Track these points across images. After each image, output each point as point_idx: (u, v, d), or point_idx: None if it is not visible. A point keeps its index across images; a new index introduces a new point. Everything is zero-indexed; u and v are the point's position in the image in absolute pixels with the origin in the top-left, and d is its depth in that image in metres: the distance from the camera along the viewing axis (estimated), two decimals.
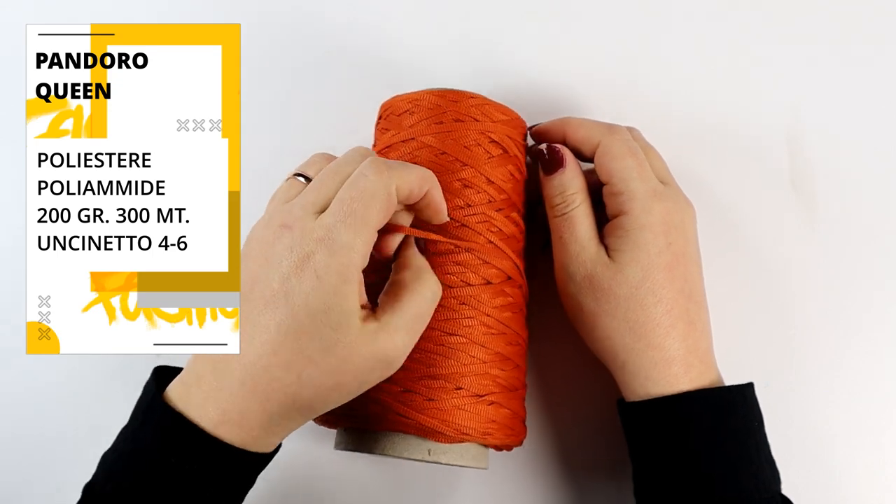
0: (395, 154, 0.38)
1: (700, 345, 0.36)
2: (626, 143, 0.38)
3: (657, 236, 0.36)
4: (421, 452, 0.35)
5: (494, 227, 0.37)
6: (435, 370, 0.35)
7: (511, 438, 0.37)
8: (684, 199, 0.39)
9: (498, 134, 0.38)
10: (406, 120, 0.38)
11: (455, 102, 0.38)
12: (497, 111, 0.38)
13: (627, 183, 0.37)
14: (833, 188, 0.46)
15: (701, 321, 0.37)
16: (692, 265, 0.37)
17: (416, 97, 0.38)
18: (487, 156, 0.37)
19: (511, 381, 0.37)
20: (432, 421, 0.34)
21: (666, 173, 0.40)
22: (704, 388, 0.35)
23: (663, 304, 0.36)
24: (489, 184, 0.37)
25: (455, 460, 0.35)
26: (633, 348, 0.36)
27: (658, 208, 0.36)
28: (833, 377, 0.44)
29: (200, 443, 0.30)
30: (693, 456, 0.34)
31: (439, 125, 0.37)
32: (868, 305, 0.45)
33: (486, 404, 0.35)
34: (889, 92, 0.47)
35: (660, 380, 0.35)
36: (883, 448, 0.43)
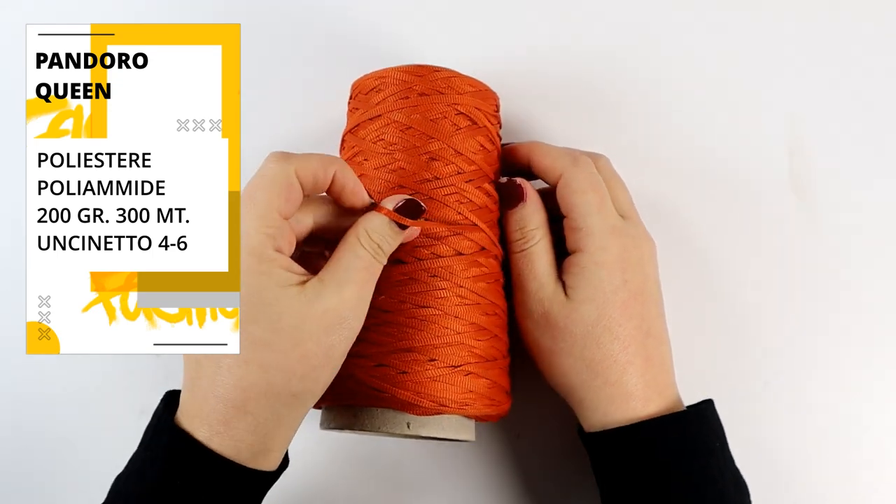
0: (363, 132, 0.38)
1: (659, 379, 0.36)
2: (590, 176, 0.38)
3: (613, 274, 0.36)
4: (400, 426, 0.35)
5: (465, 199, 0.37)
6: (407, 343, 0.35)
7: (492, 408, 0.36)
8: (644, 233, 0.38)
9: (465, 106, 0.38)
10: (373, 97, 0.38)
11: (420, 77, 0.37)
12: (464, 83, 0.38)
13: (586, 218, 0.37)
14: (833, 190, 0.46)
15: (660, 356, 0.37)
16: (650, 301, 0.37)
17: (382, 74, 0.38)
18: (455, 128, 0.37)
19: (489, 350, 0.37)
20: (407, 393, 0.34)
21: (629, 206, 0.39)
22: (661, 415, 0.35)
23: (620, 342, 0.36)
24: (457, 155, 0.37)
25: (436, 433, 0.35)
26: (591, 385, 0.36)
27: (615, 245, 0.36)
28: (834, 378, 0.44)
29: (197, 457, 0.30)
30: (655, 483, 0.34)
31: (405, 100, 0.37)
32: (868, 305, 0.45)
33: (462, 374, 0.35)
34: (889, 93, 0.47)
35: (617, 414, 0.35)
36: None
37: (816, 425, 0.43)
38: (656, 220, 0.42)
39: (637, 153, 0.46)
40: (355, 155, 0.38)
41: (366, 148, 0.38)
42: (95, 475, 0.34)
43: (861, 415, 0.43)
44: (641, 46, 0.47)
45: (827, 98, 0.47)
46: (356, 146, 0.38)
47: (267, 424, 0.31)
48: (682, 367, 0.39)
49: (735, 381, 0.44)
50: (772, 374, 0.44)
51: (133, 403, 0.43)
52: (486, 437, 0.44)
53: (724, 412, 0.37)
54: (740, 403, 0.43)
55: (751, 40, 0.47)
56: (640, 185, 0.43)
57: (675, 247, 0.45)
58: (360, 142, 0.38)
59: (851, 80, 0.47)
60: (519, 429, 0.44)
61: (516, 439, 0.44)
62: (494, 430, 0.44)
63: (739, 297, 0.45)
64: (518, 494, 0.43)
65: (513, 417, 0.43)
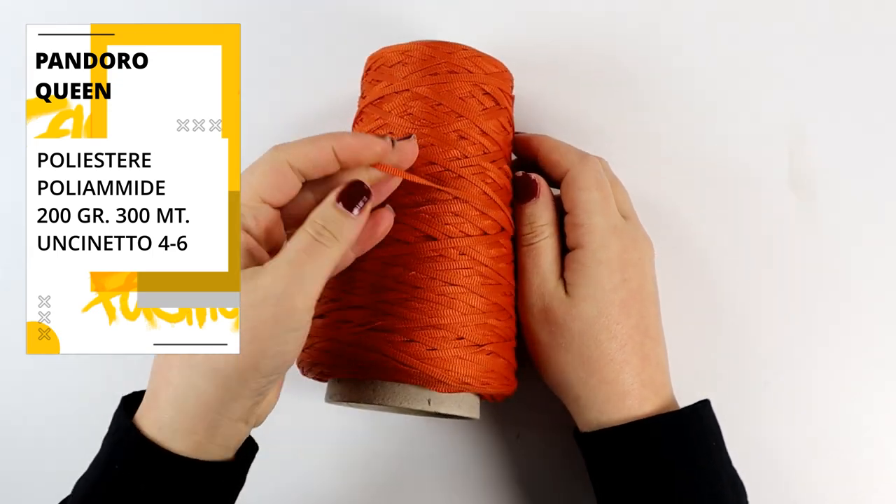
0: (389, 105, 0.38)
1: (655, 379, 0.36)
2: (595, 174, 0.38)
3: (613, 272, 0.36)
4: (421, 402, 0.35)
5: (489, 179, 0.37)
6: (437, 320, 0.35)
7: (505, 388, 0.37)
8: (644, 235, 0.39)
9: (490, 86, 0.38)
10: (399, 71, 0.38)
11: (449, 54, 0.37)
12: (489, 63, 0.39)
13: (590, 216, 0.37)
14: (833, 190, 0.46)
15: (656, 356, 0.37)
16: (648, 302, 0.37)
17: (406, 48, 0.38)
18: (481, 107, 0.38)
19: (506, 331, 0.37)
20: (435, 370, 0.34)
21: (628, 208, 0.39)
22: (657, 414, 0.35)
23: (617, 340, 0.36)
24: (483, 135, 0.37)
25: (453, 409, 0.36)
26: (587, 383, 0.36)
27: (615, 245, 0.36)
28: (834, 377, 0.44)
29: (147, 453, 0.30)
30: (653, 483, 0.34)
31: (434, 76, 0.37)
32: (868, 305, 0.45)
33: (485, 354, 0.35)
34: (889, 93, 0.47)
35: (613, 413, 0.35)
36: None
37: (816, 425, 0.43)
38: (656, 220, 0.42)
39: (637, 153, 0.46)
40: (379, 127, 0.38)
41: (391, 122, 0.37)
42: None
43: (861, 415, 0.43)
44: (642, 46, 0.47)
45: (827, 98, 0.47)
46: (380, 118, 0.38)
47: (187, 398, 0.30)
48: (682, 367, 0.39)
49: (735, 380, 0.44)
50: (772, 373, 0.44)
51: None
52: (485, 437, 0.44)
53: (724, 412, 0.37)
54: (740, 403, 0.43)
55: (752, 40, 0.47)
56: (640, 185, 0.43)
57: (674, 245, 0.45)
58: (386, 115, 0.38)
59: (852, 79, 0.47)
60: (519, 429, 0.44)
61: (516, 439, 0.44)
62: (494, 430, 0.44)
63: (739, 297, 0.45)
64: (517, 494, 0.43)
65: (513, 417, 0.43)
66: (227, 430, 0.31)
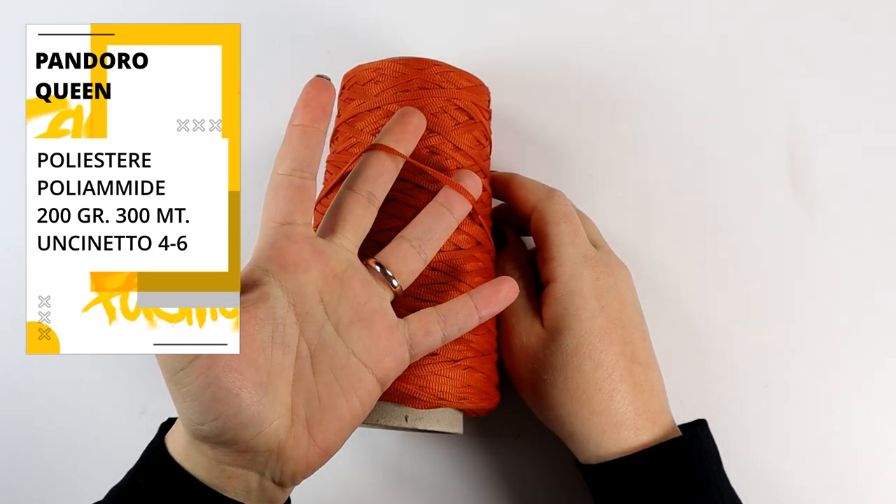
0: (361, 123, 0.38)
1: (651, 406, 0.36)
2: (562, 208, 0.38)
3: (588, 301, 0.36)
4: (398, 419, 0.35)
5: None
6: None
7: (485, 402, 0.37)
8: (617, 262, 0.38)
9: (463, 101, 0.38)
10: (371, 89, 0.38)
11: (420, 70, 0.37)
12: (461, 78, 0.38)
13: (559, 249, 0.37)
14: (833, 189, 0.46)
15: (649, 382, 0.36)
16: (631, 326, 0.37)
17: (379, 66, 0.38)
18: (454, 123, 0.38)
19: (484, 345, 0.37)
20: (409, 387, 0.34)
21: (598, 237, 0.40)
22: (655, 444, 0.34)
23: (603, 369, 0.35)
24: (456, 150, 0.37)
25: (431, 426, 0.35)
26: (578, 416, 0.35)
27: (588, 274, 0.36)
28: (834, 378, 0.44)
29: (169, 473, 0.30)
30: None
31: (405, 93, 0.37)
32: (868, 306, 0.45)
33: (461, 369, 0.35)
34: (889, 93, 0.47)
35: (611, 446, 0.35)
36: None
37: (817, 424, 0.44)
38: (655, 219, 0.42)
39: (637, 153, 0.46)
40: (352, 146, 0.38)
41: (363, 140, 0.37)
42: (95, 475, 0.34)
43: (861, 415, 0.43)
44: (641, 46, 0.47)
45: (827, 98, 0.47)
46: (353, 137, 0.38)
47: (225, 453, 0.30)
48: (681, 367, 0.39)
49: (735, 381, 0.44)
50: (772, 373, 0.44)
51: (133, 403, 0.43)
52: (485, 437, 0.44)
53: (725, 412, 0.37)
54: (740, 403, 0.43)
55: (751, 39, 0.47)
56: (639, 185, 0.43)
57: (674, 245, 0.45)
58: (358, 133, 0.38)
59: (852, 79, 0.47)
60: (519, 429, 0.44)
61: (516, 439, 0.44)
62: (494, 430, 0.44)
63: (739, 297, 0.45)
64: (517, 494, 0.43)
65: (513, 417, 0.43)
66: (239, 477, 0.30)
